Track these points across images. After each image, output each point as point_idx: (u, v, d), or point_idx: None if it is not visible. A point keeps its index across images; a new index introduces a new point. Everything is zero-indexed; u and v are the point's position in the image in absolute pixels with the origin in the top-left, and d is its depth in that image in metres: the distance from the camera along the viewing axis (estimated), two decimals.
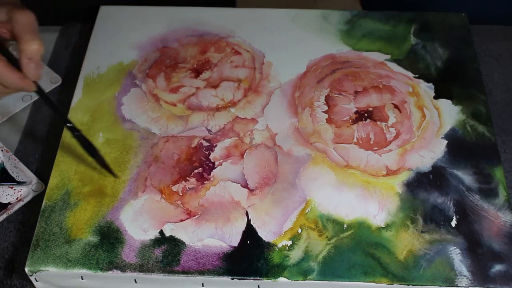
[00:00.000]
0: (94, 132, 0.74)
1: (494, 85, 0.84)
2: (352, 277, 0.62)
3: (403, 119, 0.75)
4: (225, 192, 0.68)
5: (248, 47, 0.83)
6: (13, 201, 0.72)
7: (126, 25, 0.85)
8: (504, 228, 0.66)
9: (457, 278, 0.62)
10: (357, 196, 0.68)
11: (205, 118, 0.75)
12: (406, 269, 0.63)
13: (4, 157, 0.75)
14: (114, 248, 0.64)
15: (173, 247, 0.64)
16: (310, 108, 0.76)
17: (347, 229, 0.66)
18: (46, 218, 0.66)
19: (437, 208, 0.67)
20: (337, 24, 0.86)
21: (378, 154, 0.72)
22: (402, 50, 0.83)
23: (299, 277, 0.62)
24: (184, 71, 0.80)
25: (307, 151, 0.72)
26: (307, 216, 0.66)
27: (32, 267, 0.63)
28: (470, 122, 0.75)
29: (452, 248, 0.64)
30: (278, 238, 0.65)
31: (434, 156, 0.71)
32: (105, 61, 0.81)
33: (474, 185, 0.69)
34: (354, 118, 0.75)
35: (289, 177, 0.70)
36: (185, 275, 0.62)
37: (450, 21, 0.86)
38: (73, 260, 0.63)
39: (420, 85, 0.78)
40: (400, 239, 0.65)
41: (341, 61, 0.81)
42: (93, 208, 0.67)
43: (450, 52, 0.82)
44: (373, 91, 0.78)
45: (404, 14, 0.87)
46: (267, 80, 0.79)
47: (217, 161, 0.71)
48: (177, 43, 0.84)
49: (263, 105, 0.76)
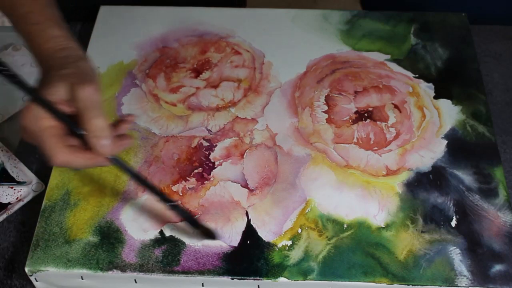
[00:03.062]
0: None
1: (494, 85, 0.84)
2: (352, 277, 0.62)
3: (403, 119, 0.75)
4: (225, 192, 0.68)
5: (248, 47, 0.83)
6: (13, 201, 0.72)
7: (126, 25, 0.85)
8: (504, 228, 0.66)
9: (457, 278, 0.62)
10: (357, 196, 0.68)
11: (205, 118, 0.75)
12: (406, 269, 0.63)
13: (4, 157, 0.75)
14: (114, 248, 0.64)
15: (173, 247, 0.64)
16: (310, 108, 0.76)
17: (347, 229, 0.66)
18: (46, 218, 0.66)
19: (437, 208, 0.67)
20: (337, 24, 0.86)
21: (378, 154, 0.72)
22: (402, 50, 0.83)
23: (299, 277, 0.62)
24: (184, 71, 0.80)
25: (307, 151, 0.72)
26: (307, 216, 0.66)
27: (32, 267, 0.63)
28: (470, 122, 0.75)
29: (452, 248, 0.64)
30: (278, 238, 0.65)
31: (434, 156, 0.71)
32: (105, 61, 0.81)
33: (474, 185, 0.69)
34: (354, 118, 0.75)
35: (289, 177, 0.70)
36: (185, 275, 0.62)
37: (450, 21, 0.86)
38: (73, 260, 0.63)
39: (420, 85, 0.78)
40: (400, 239, 0.65)
41: (341, 61, 0.81)
42: (93, 208, 0.67)
43: (450, 52, 0.82)
44: (373, 91, 0.78)
45: (404, 14, 0.87)
46: (267, 80, 0.79)
47: (217, 161, 0.71)
48: (177, 43, 0.84)
49: (263, 105, 0.76)
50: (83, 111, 0.56)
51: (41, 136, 0.56)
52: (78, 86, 0.56)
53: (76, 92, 0.56)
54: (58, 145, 0.56)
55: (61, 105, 0.57)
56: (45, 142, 0.56)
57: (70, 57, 0.60)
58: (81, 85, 0.56)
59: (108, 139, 0.57)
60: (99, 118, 0.56)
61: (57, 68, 0.58)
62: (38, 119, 0.56)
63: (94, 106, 0.56)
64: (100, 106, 0.57)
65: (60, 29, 0.62)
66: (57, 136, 0.56)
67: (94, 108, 0.56)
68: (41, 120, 0.56)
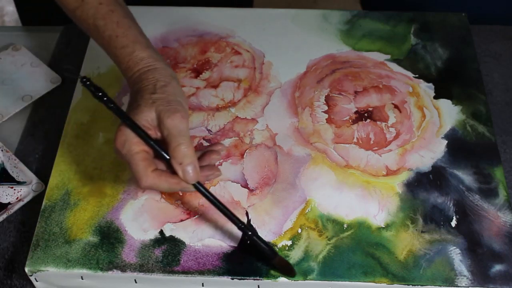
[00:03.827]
0: (94, 132, 0.74)
1: (494, 85, 0.84)
2: (352, 277, 0.62)
3: (403, 119, 0.75)
4: (225, 192, 0.68)
5: (248, 47, 0.83)
6: (13, 201, 0.72)
7: None
8: (504, 228, 0.66)
9: (457, 278, 0.62)
10: (357, 196, 0.68)
11: (205, 118, 0.75)
12: (406, 269, 0.63)
13: (4, 157, 0.75)
14: (114, 248, 0.64)
15: (173, 247, 0.64)
16: (310, 108, 0.76)
17: (347, 229, 0.66)
18: (46, 218, 0.66)
19: (437, 208, 0.67)
20: (337, 24, 0.86)
21: (378, 154, 0.72)
22: (402, 50, 0.83)
23: (299, 277, 0.62)
24: (184, 71, 0.80)
25: (307, 151, 0.72)
26: (307, 216, 0.66)
27: (32, 267, 0.63)
28: (470, 122, 0.75)
29: (452, 248, 0.64)
30: (278, 238, 0.65)
31: (434, 156, 0.71)
32: (105, 61, 0.80)
33: (474, 185, 0.69)
34: (354, 118, 0.75)
35: (289, 177, 0.70)
36: (185, 275, 0.62)
37: (450, 21, 0.86)
38: (73, 260, 0.63)
39: (420, 85, 0.78)
40: (400, 239, 0.65)
41: (341, 61, 0.81)
42: (93, 208, 0.67)
43: (450, 52, 0.82)
44: (373, 91, 0.78)
45: (404, 14, 0.87)
46: (267, 80, 0.79)
47: (217, 161, 0.71)
48: (177, 43, 0.84)
49: (263, 105, 0.76)
50: (170, 138, 0.58)
51: (131, 159, 0.58)
52: (166, 114, 0.58)
53: (163, 120, 0.58)
54: (147, 169, 0.58)
55: (150, 130, 0.59)
56: (134, 165, 0.58)
57: (160, 80, 0.61)
58: (168, 113, 0.58)
59: (192, 166, 0.58)
60: (184, 145, 0.58)
61: (147, 92, 0.60)
62: (129, 143, 0.58)
63: (180, 134, 0.58)
64: (186, 134, 0.59)
65: (147, 51, 0.63)
66: (146, 160, 0.58)
67: (179, 135, 0.58)
68: (133, 145, 0.58)
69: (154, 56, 0.63)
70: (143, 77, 0.62)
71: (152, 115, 0.59)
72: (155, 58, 0.63)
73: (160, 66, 0.63)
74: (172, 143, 0.58)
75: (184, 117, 0.59)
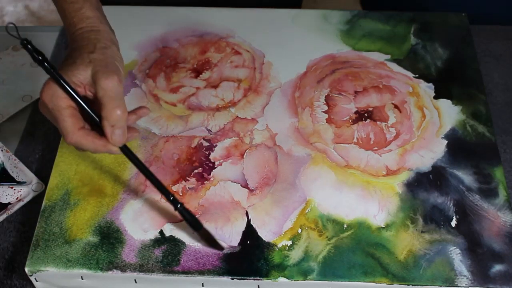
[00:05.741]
0: None
1: (494, 85, 0.84)
2: (352, 277, 0.62)
3: (403, 119, 0.75)
4: (225, 192, 0.68)
5: (248, 47, 0.83)
6: (13, 201, 0.72)
7: (126, 25, 0.85)
8: (504, 228, 0.66)
9: (457, 278, 0.62)
10: (357, 196, 0.68)
11: (205, 118, 0.75)
12: (406, 269, 0.63)
13: (4, 157, 0.75)
14: (114, 248, 0.64)
15: (173, 247, 0.64)
16: (310, 108, 0.76)
17: (347, 229, 0.66)
18: (46, 218, 0.66)
19: (437, 208, 0.67)
20: (337, 24, 0.86)
21: (378, 154, 0.72)
22: (402, 50, 0.83)
23: (299, 277, 0.62)
24: (184, 71, 0.80)
25: (307, 151, 0.72)
26: (307, 216, 0.66)
27: (32, 267, 0.63)
28: (470, 122, 0.75)
29: (452, 248, 0.64)
30: (278, 238, 0.65)
31: (434, 156, 0.71)
32: None
33: (474, 185, 0.69)
34: (354, 118, 0.75)
35: (289, 177, 0.70)
36: (185, 275, 0.62)
37: (450, 21, 0.86)
38: (73, 260, 0.63)
39: (420, 85, 0.78)
40: (400, 239, 0.65)
41: (341, 61, 0.81)
42: (93, 208, 0.67)
43: (450, 52, 0.82)
44: (373, 91, 0.78)
45: (404, 14, 0.87)
46: (267, 80, 0.79)
47: (217, 161, 0.71)
48: (177, 43, 0.84)
49: (263, 105, 0.76)
50: (104, 99, 0.57)
51: (58, 114, 0.57)
52: (103, 75, 0.57)
53: (99, 80, 0.57)
54: (74, 125, 0.57)
55: (79, 87, 0.58)
56: (61, 121, 0.57)
57: (100, 41, 0.61)
58: (105, 75, 0.57)
59: (122, 130, 0.58)
60: (119, 109, 0.57)
61: (85, 50, 0.59)
62: (57, 97, 0.57)
63: (117, 97, 0.57)
64: (122, 97, 0.58)
65: (94, 11, 0.63)
66: (73, 117, 0.58)
67: (117, 98, 0.57)
68: (60, 99, 0.57)
69: (101, 18, 0.63)
70: (84, 36, 0.61)
71: (86, 73, 0.58)
72: (101, 20, 0.62)
73: (103, 29, 0.62)
74: (108, 104, 0.57)
75: (121, 81, 0.58)
